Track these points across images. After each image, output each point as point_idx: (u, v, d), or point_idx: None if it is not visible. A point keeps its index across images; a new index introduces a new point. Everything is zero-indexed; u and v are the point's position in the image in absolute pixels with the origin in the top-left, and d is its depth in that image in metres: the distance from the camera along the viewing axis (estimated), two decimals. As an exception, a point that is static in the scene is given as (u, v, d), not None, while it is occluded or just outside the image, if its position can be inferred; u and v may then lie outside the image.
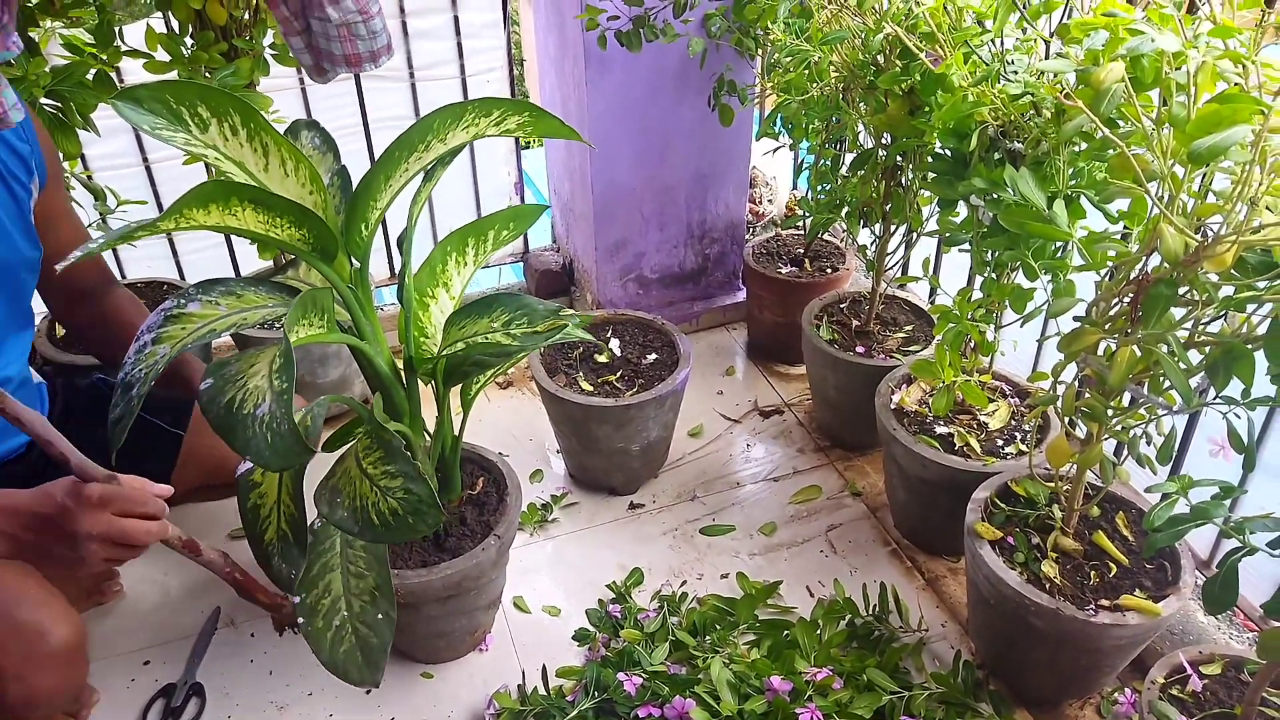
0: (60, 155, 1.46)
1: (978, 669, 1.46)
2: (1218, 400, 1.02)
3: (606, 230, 2.20)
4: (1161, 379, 1.09)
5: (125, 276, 2.20)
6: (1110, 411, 1.16)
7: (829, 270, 2.19)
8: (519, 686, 1.47)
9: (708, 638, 1.51)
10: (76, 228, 1.38)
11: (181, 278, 2.26)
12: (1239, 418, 1.02)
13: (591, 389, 1.79)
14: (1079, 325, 1.15)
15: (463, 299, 1.36)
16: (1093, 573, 1.32)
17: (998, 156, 1.29)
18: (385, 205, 1.14)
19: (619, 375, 1.83)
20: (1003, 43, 1.31)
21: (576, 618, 1.60)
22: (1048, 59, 1.22)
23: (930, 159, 1.47)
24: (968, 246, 1.43)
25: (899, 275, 2.00)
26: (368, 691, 1.47)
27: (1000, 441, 1.61)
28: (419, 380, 1.30)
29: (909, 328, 1.95)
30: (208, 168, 1.68)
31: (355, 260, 1.16)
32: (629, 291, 2.33)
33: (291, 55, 1.60)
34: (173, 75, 1.63)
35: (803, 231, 2.27)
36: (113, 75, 1.65)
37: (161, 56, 1.63)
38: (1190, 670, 1.22)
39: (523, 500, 1.50)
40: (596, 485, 1.89)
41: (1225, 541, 1.53)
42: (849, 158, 1.83)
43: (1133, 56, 1.01)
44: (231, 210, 0.96)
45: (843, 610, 1.56)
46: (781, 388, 2.20)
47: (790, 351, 2.24)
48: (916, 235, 1.82)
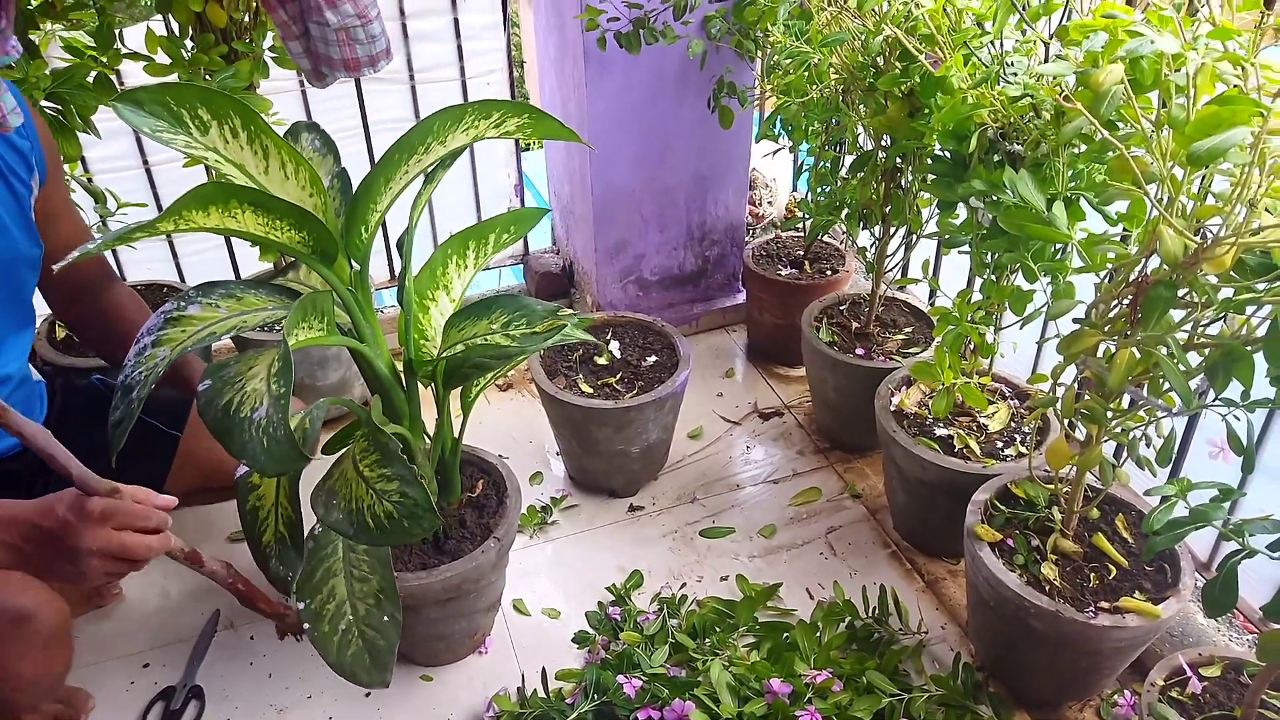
0: (60, 152, 1.46)
1: (977, 671, 1.46)
2: (1217, 402, 1.02)
3: (606, 232, 2.20)
4: (1161, 381, 1.09)
5: (125, 279, 2.20)
6: (1110, 413, 1.17)
7: (829, 272, 2.19)
8: (518, 689, 1.47)
9: (707, 640, 1.51)
10: (77, 223, 1.37)
11: (181, 280, 2.26)
12: (1238, 420, 1.02)
13: (591, 391, 1.79)
14: (1078, 327, 1.15)
15: (463, 301, 1.36)
16: (1092, 575, 1.32)
17: (997, 158, 1.29)
18: (385, 208, 1.14)
19: (619, 377, 1.83)
20: (1002, 45, 1.31)
21: (576, 620, 1.60)
22: (1047, 61, 1.23)
23: (930, 161, 1.47)
24: (967, 248, 1.43)
25: (899, 277, 2.00)
26: (367, 694, 1.47)
27: (1000, 443, 1.61)
28: (419, 383, 1.30)
29: (909, 330, 1.95)
30: (208, 170, 1.68)
31: (355, 263, 1.16)
32: (629, 293, 2.33)
33: (291, 59, 1.61)
34: (173, 78, 1.63)
35: (802, 233, 2.27)
36: (113, 78, 1.66)
37: (161, 59, 1.63)
38: (1190, 672, 1.22)
39: (522, 502, 1.50)
40: (596, 487, 1.89)
41: (1225, 544, 1.53)
42: (849, 160, 1.83)
43: (1132, 58, 1.01)
44: (231, 212, 0.96)
45: (842, 612, 1.56)
46: (781, 390, 2.20)
47: (790, 353, 2.24)
48: (916, 237, 1.82)
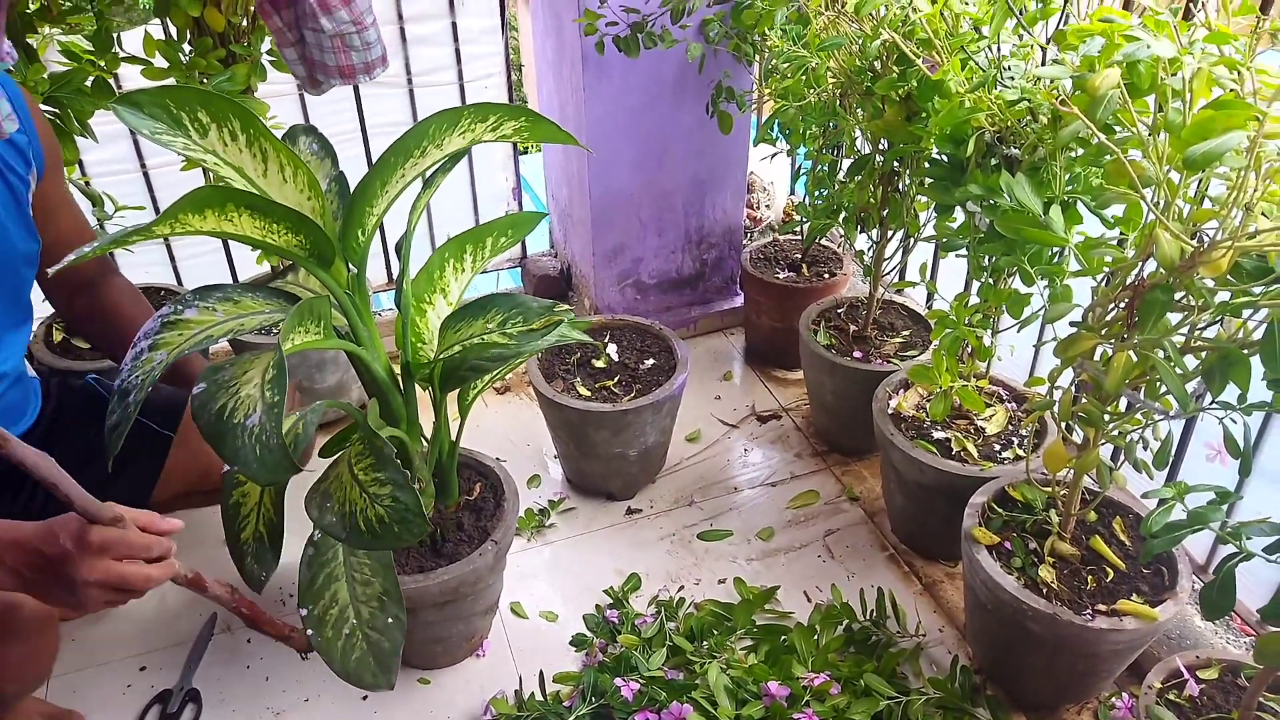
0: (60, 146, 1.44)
1: (975, 674, 1.46)
2: (1214, 405, 1.02)
3: (604, 236, 2.20)
4: (1158, 384, 1.09)
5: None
6: (1107, 416, 1.17)
7: (826, 275, 2.19)
8: (516, 692, 1.47)
9: (705, 643, 1.51)
10: (77, 217, 1.35)
11: (179, 283, 2.26)
12: (1235, 423, 1.02)
13: (589, 394, 1.79)
14: (1075, 330, 1.15)
15: (460, 304, 1.36)
16: (1090, 578, 1.32)
17: (994, 162, 1.29)
18: (382, 211, 1.14)
19: (616, 380, 1.83)
20: (999, 49, 1.31)
21: (574, 623, 1.60)
22: (1044, 65, 1.23)
23: (927, 164, 1.47)
24: (965, 252, 1.43)
25: (896, 280, 2.01)
26: (364, 697, 1.47)
27: (997, 446, 1.61)
28: (416, 386, 1.30)
29: (906, 333, 1.95)
30: (206, 173, 1.68)
31: (352, 266, 1.16)
32: (627, 297, 2.33)
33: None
34: (170, 81, 1.63)
35: (800, 237, 2.28)
36: (111, 81, 1.65)
37: (159, 63, 1.63)
38: (1187, 675, 1.22)
39: (520, 506, 1.49)
40: (594, 490, 1.89)
41: (1222, 546, 1.53)
42: (846, 163, 1.83)
43: (1129, 63, 1.01)
44: (228, 216, 0.96)
45: (840, 615, 1.56)
46: (779, 393, 2.20)
47: (788, 356, 2.24)
48: (914, 241, 1.82)
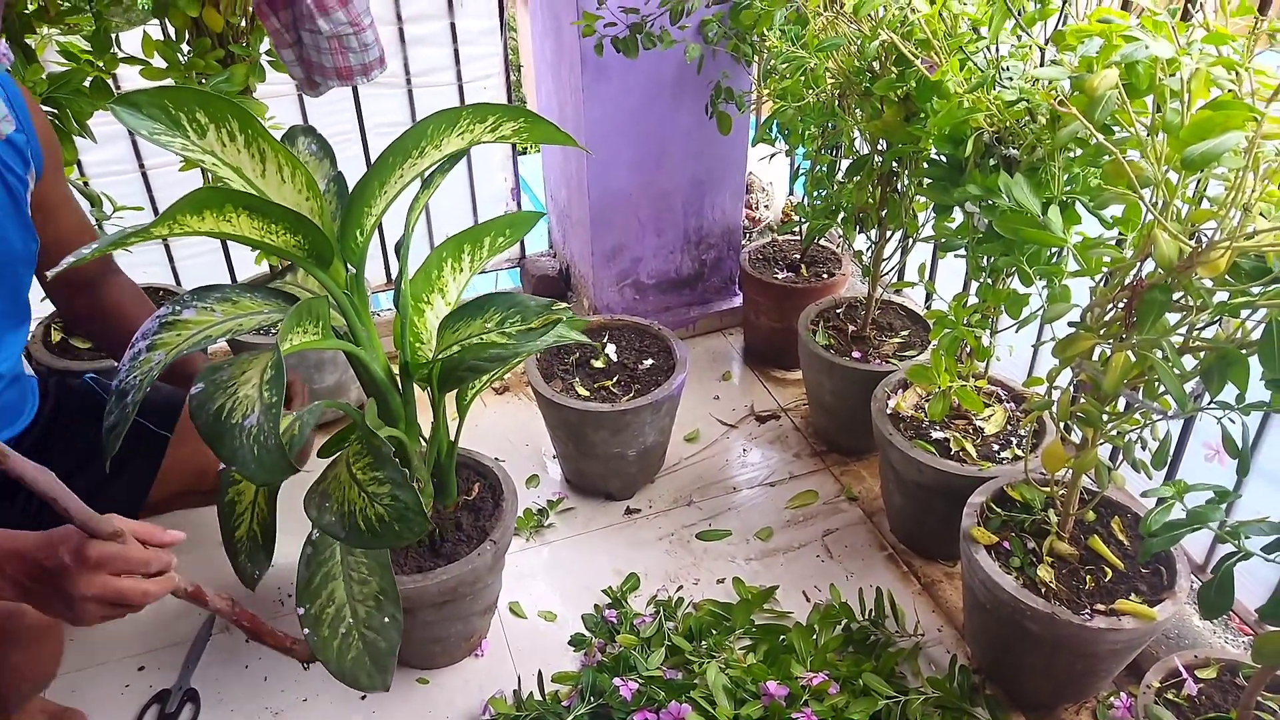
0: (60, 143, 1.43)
1: (974, 674, 1.46)
2: (1212, 405, 1.02)
3: (603, 236, 2.20)
4: (1156, 384, 1.09)
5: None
6: (1105, 416, 1.17)
7: (825, 276, 2.19)
8: (515, 692, 1.47)
9: (704, 643, 1.51)
10: (78, 217, 1.34)
11: (177, 284, 2.26)
12: (1234, 422, 1.02)
13: (588, 394, 1.79)
14: (1074, 331, 1.15)
15: (458, 304, 1.36)
16: (1088, 577, 1.32)
17: (993, 162, 1.30)
18: (380, 212, 1.14)
19: (615, 380, 1.83)
20: (998, 49, 1.31)
21: (573, 623, 1.60)
22: (1043, 66, 1.23)
23: (926, 165, 1.47)
24: (963, 252, 1.43)
25: (895, 281, 2.01)
26: (363, 697, 1.47)
27: (996, 446, 1.62)
28: (415, 386, 1.30)
29: (905, 333, 1.95)
30: (204, 174, 1.67)
31: (351, 266, 1.16)
32: (626, 297, 2.33)
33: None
34: (169, 82, 1.63)
35: (799, 237, 2.28)
36: (109, 82, 1.65)
37: (158, 63, 1.63)
38: (1186, 674, 1.22)
39: (519, 505, 1.49)
40: (593, 490, 1.89)
41: (1220, 546, 1.53)
42: (845, 164, 1.83)
43: (1127, 63, 1.01)
44: (226, 216, 0.96)
45: (839, 615, 1.56)
46: (778, 393, 2.20)
47: (786, 357, 2.24)
48: (912, 241, 1.82)
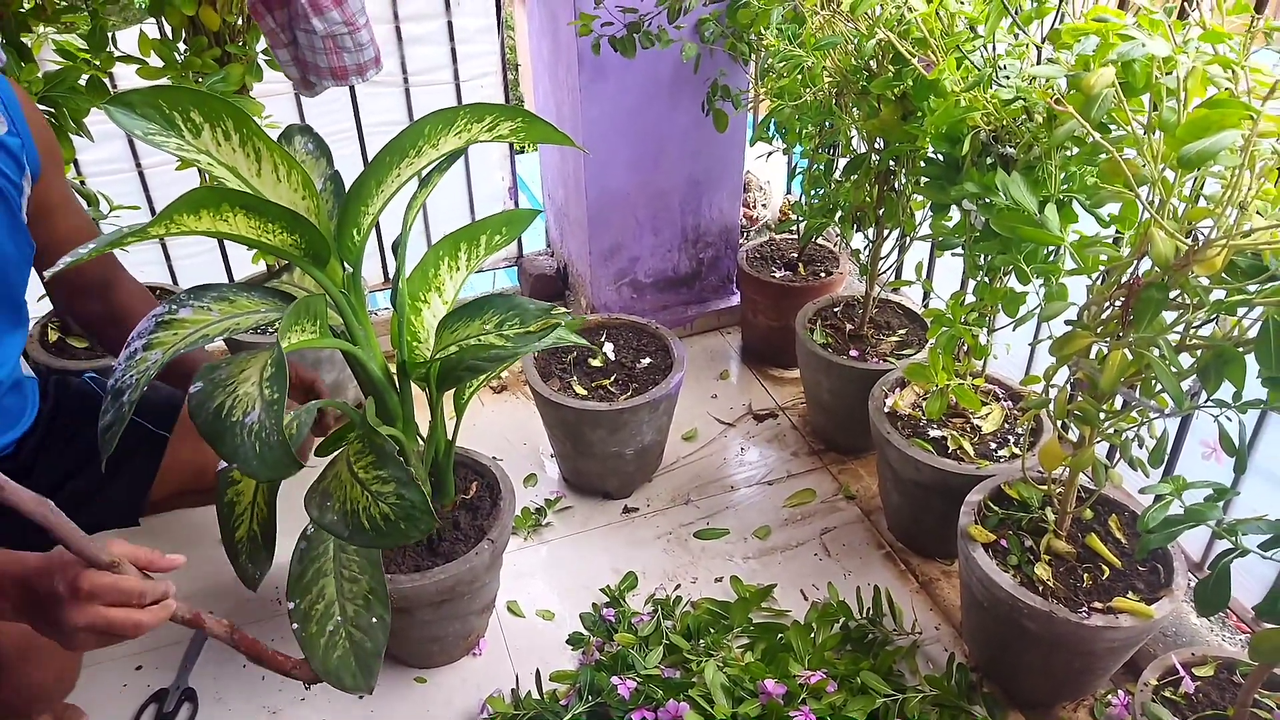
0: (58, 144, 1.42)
1: (971, 672, 1.46)
2: (1209, 403, 1.02)
3: (601, 235, 2.20)
4: (1153, 382, 1.10)
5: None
6: (1102, 415, 1.17)
7: (823, 274, 2.19)
8: (512, 691, 1.47)
9: (702, 641, 1.51)
10: (78, 218, 1.32)
11: (174, 283, 2.26)
12: (1230, 420, 1.02)
13: (585, 393, 1.79)
14: (1071, 329, 1.15)
15: (455, 303, 1.36)
16: (1086, 575, 1.32)
17: (990, 161, 1.30)
18: (377, 211, 1.14)
19: (613, 379, 1.83)
20: (995, 48, 1.31)
21: (570, 622, 1.60)
22: (1039, 64, 1.23)
23: (923, 164, 1.47)
24: (960, 251, 1.43)
25: (892, 279, 2.01)
26: (361, 696, 1.47)
27: (993, 445, 1.62)
28: (412, 385, 1.30)
29: (902, 332, 1.95)
30: (201, 173, 1.67)
31: (348, 265, 1.16)
32: (623, 296, 2.33)
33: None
34: (165, 81, 1.63)
35: (797, 236, 2.28)
36: (105, 81, 1.65)
37: (154, 62, 1.62)
38: (1183, 672, 1.22)
39: (516, 504, 1.50)
40: (591, 489, 1.89)
41: (1218, 543, 1.53)
42: (842, 162, 1.84)
43: (1123, 62, 1.01)
44: (223, 216, 0.96)
45: (836, 613, 1.56)
46: (775, 391, 2.20)
47: (784, 355, 2.24)
48: (910, 240, 1.82)
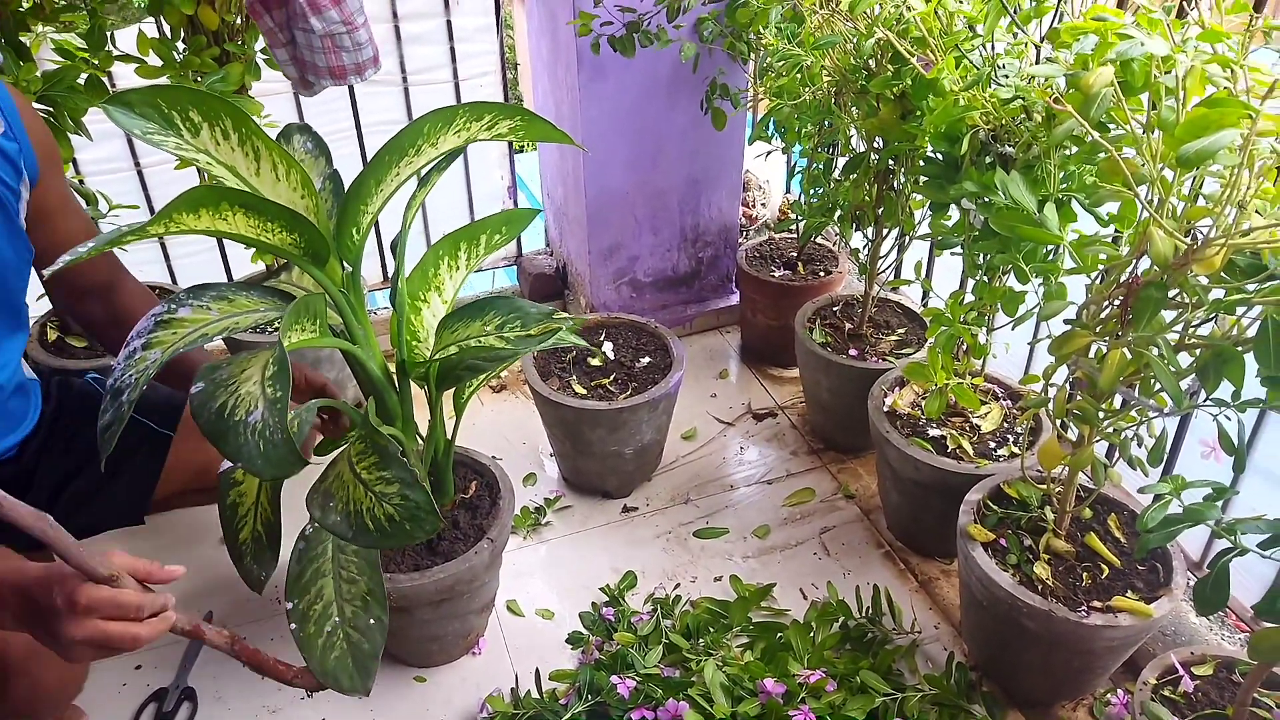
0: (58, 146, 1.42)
1: (971, 670, 1.46)
2: (1208, 402, 1.02)
3: (600, 234, 2.20)
4: (1152, 381, 1.10)
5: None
6: (1102, 414, 1.17)
7: (822, 274, 2.19)
8: (512, 690, 1.47)
9: (701, 640, 1.51)
10: (78, 218, 1.31)
11: (173, 282, 2.26)
12: (1229, 420, 1.02)
13: (585, 392, 1.79)
14: (1070, 328, 1.15)
15: (455, 303, 1.36)
16: (1085, 574, 1.33)
17: (989, 160, 1.30)
18: (376, 210, 1.14)
19: (612, 378, 1.83)
20: (993, 47, 1.31)
21: (570, 621, 1.60)
22: (1038, 63, 1.23)
23: (922, 163, 1.47)
24: (960, 250, 1.43)
25: (891, 278, 2.01)
26: (359, 696, 1.47)
27: (992, 444, 1.62)
28: (411, 384, 1.29)
29: (901, 331, 1.95)
30: (200, 172, 1.67)
31: (347, 264, 1.16)
32: (622, 295, 2.33)
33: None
34: (164, 80, 1.62)
35: (796, 235, 2.28)
36: (104, 80, 1.65)
37: (153, 61, 1.62)
38: (1182, 671, 1.22)
39: (516, 504, 1.50)
40: (590, 488, 1.89)
41: (1217, 542, 1.53)
42: (841, 162, 1.83)
43: (1122, 61, 1.01)
44: (222, 215, 0.96)
45: (836, 612, 1.56)
46: (775, 391, 2.20)
47: (783, 354, 2.24)
48: (909, 239, 1.82)
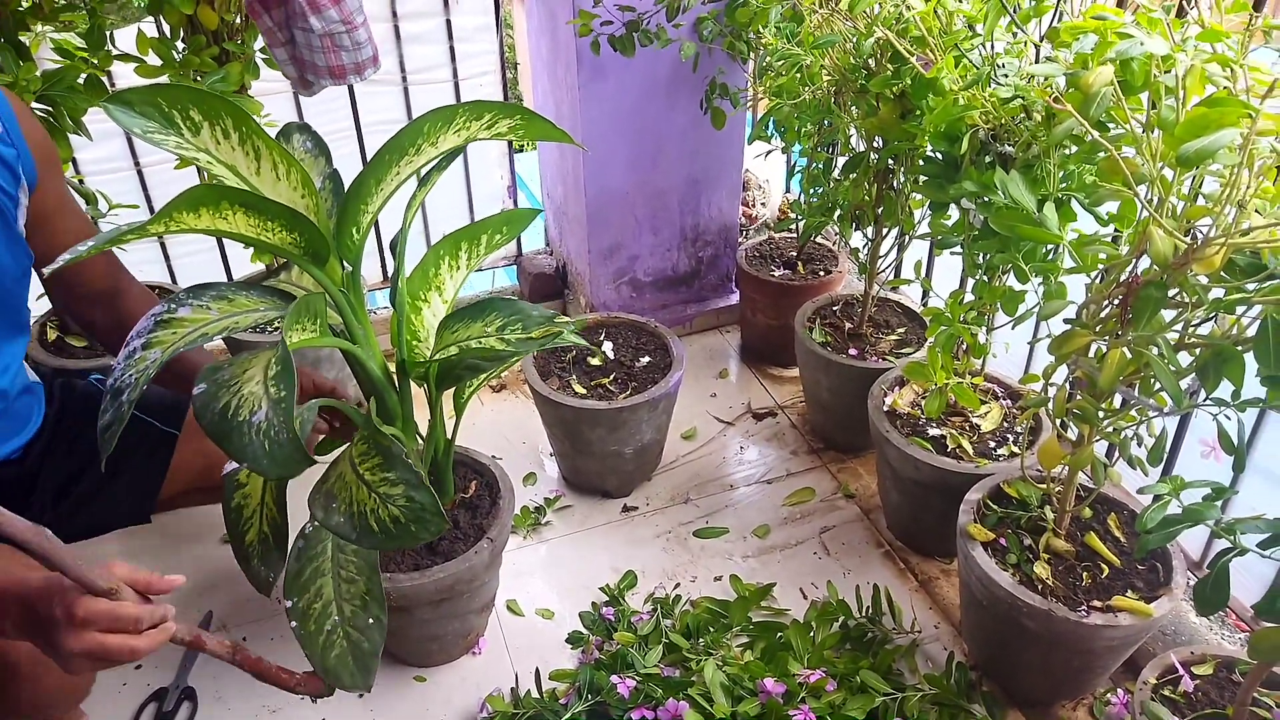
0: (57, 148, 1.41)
1: (970, 670, 1.46)
2: (1208, 402, 1.02)
3: (600, 234, 2.20)
4: (1152, 381, 1.10)
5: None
6: (1101, 413, 1.17)
7: (822, 273, 2.19)
8: (512, 689, 1.47)
9: (701, 640, 1.51)
10: (78, 220, 1.30)
11: (173, 281, 2.26)
12: (1229, 419, 1.02)
13: (585, 392, 1.79)
14: (1070, 327, 1.15)
15: (455, 303, 1.36)
16: (1085, 574, 1.33)
17: (988, 160, 1.30)
18: (376, 209, 1.14)
19: (612, 378, 1.83)
20: (993, 46, 1.31)
21: (570, 620, 1.60)
22: (1038, 63, 1.23)
23: (921, 162, 1.47)
24: (959, 249, 1.43)
25: (891, 278, 2.01)
26: (360, 695, 1.47)
27: (992, 443, 1.62)
28: (411, 384, 1.29)
29: (901, 330, 1.95)
30: (200, 172, 1.67)
31: (347, 264, 1.16)
32: (622, 294, 2.33)
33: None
34: (164, 79, 1.62)
35: (795, 234, 2.28)
36: (104, 79, 1.65)
37: (153, 61, 1.62)
38: (1182, 671, 1.22)
39: (516, 503, 1.50)
40: (590, 488, 1.89)
41: (1217, 542, 1.53)
42: (841, 161, 1.83)
43: (1122, 60, 1.01)
44: (222, 214, 0.96)
45: (836, 612, 1.56)
46: (775, 390, 2.20)
47: (783, 354, 2.24)
48: (908, 238, 1.83)
